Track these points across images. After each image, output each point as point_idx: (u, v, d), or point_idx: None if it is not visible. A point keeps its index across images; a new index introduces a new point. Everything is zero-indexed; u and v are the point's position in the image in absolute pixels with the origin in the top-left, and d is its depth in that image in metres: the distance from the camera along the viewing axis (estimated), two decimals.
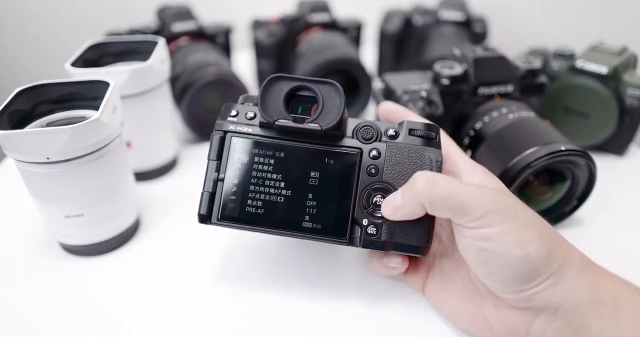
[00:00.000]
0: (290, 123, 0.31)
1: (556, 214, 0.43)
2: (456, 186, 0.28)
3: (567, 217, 0.43)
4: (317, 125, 0.31)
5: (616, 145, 0.54)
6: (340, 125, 0.32)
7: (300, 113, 0.32)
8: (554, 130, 0.41)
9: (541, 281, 0.27)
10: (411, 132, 0.33)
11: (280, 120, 0.31)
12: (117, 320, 0.34)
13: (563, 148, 0.37)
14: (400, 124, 0.33)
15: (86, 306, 0.36)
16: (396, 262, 0.33)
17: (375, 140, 0.33)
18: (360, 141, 0.33)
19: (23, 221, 0.44)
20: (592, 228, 0.44)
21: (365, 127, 0.33)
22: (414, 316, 0.35)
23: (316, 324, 0.34)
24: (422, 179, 0.29)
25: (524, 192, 0.42)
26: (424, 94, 0.45)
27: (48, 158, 0.34)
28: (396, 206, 0.30)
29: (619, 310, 0.26)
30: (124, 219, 0.41)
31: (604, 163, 0.53)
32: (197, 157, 0.56)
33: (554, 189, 0.42)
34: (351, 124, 0.33)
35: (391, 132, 0.33)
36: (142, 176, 0.50)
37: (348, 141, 0.33)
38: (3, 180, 0.52)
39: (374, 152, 0.32)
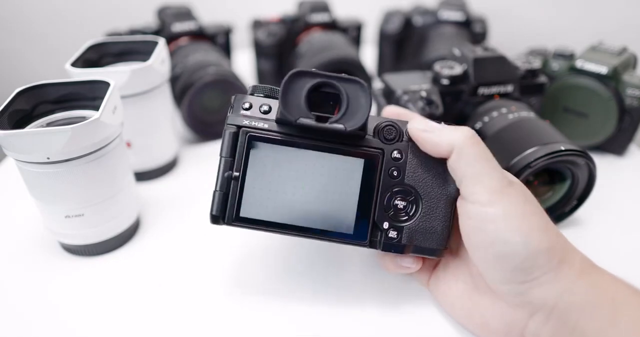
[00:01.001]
0: (313, 123, 0.30)
1: (556, 214, 0.43)
2: (491, 157, 0.30)
3: (567, 217, 0.43)
4: (342, 126, 0.30)
5: (616, 145, 0.54)
6: (365, 126, 0.30)
7: (319, 107, 0.30)
8: (554, 130, 0.41)
9: (540, 275, 0.28)
10: None
11: (301, 119, 0.30)
12: (117, 320, 0.34)
13: (563, 148, 0.37)
14: None
15: (86, 306, 0.36)
16: (410, 262, 0.33)
17: (397, 141, 0.32)
18: (382, 141, 0.31)
19: (23, 221, 0.44)
20: (592, 228, 0.44)
21: (387, 127, 0.32)
22: (419, 314, 0.35)
23: (320, 320, 0.34)
24: (465, 130, 0.30)
25: None
26: (423, 94, 0.45)
27: (48, 158, 0.34)
28: (428, 128, 0.30)
29: (616, 313, 0.26)
30: (124, 219, 0.41)
31: (603, 163, 0.53)
32: (197, 157, 0.56)
33: (554, 188, 0.42)
34: (371, 121, 0.31)
35: None
36: (142, 176, 0.50)
37: (370, 141, 0.31)
38: (3, 180, 0.52)
39: (395, 154, 0.31)
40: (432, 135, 0.30)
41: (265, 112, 0.31)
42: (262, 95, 0.32)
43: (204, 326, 0.34)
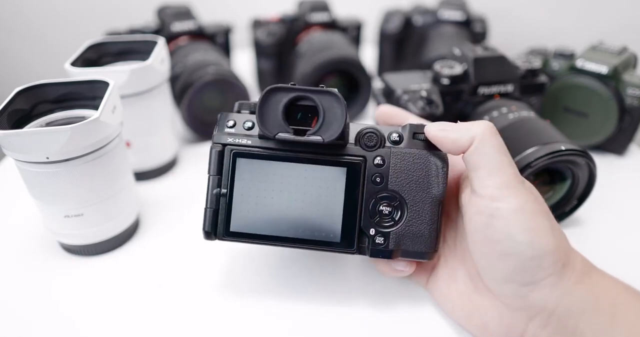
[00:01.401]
0: (291, 137, 0.30)
1: (556, 214, 0.43)
2: (507, 152, 0.30)
3: (567, 217, 0.43)
4: (320, 137, 0.30)
5: (616, 145, 0.54)
6: (343, 135, 0.31)
7: (299, 120, 0.31)
8: (554, 130, 0.41)
9: (543, 277, 0.27)
10: (415, 136, 0.32)
11: (280, 133, 0.30)
12: (116, 320, 0.34)
13: (563, 148, 0.37)
14: (404, 127, 0.33)
15: (86, 306, 0.35)
16: (403, 266, 0.33)
17: (378, 147, 0.32)
18: (364, 149, 0.32)
19: (23, 221, 0.44)
20: (592, 228, 0.44)
21: (368, 134, 0.32)
22: (418, 316, 0.35)
23: (320, 320, 0.34)
24: (486, 122, 0.30)
25: None
26: (424, 93, 0.45)
27: (48, 158, 0.34)
28: (446, 127, 0.30)
29: (615, 317, 0.26)
30: (123, 219, 0.41)
31: (604, 163, 0.53)
32: (197, 157, 0.56)
33: (554, 188, 0.42)
34: (353, 129, 0.32)
35: (394, 137, 0.32)
36: (142, 176, 0.50)
37: (351, 149, 0.32)
38: (3, 180, 0.52)
39: (378, 160, 0.32)
40: (451, 132, 0.30)
41: (249, 129, 0.32)
42: (247, 111, 0.33)
43: (203, 326, 0.34)
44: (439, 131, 0.31)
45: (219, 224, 0.32)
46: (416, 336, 0.33)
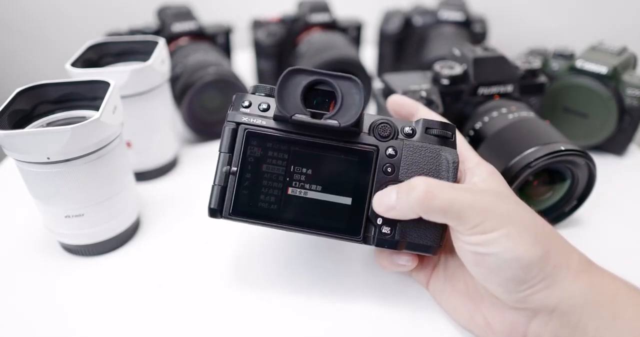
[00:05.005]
0: (307, 119, 0.30)
1: (556, 214, 0.43)
2: (453, 196, 0.28)
3: (567, 217, 0.43)
4: (336, 122, 0.30)
5: (616, 145, 0.54)
6: (359, 122, 0.31)
7: (316, 105, 0.31)
8: (554, 130, 0.41)
9: (534, 283, 0.28)
10: (428, 131, 0.32)
11: (297, 115, 0.30)
12: (117, 320, 0.34)
13: (563, 148, 0.37)
14: (417, 121, 0.33)
15: (86, 306, 0.36)
16: (405, 260, 0.33)
17: (392, 138, 0.32)
18: (377, 139, 0.32)
19: (23, 221, 0.44)
20: (592, 228, 0.44)
21: (382, 125, 0.32)
22: (420, 314, 0.35)
23: (321, 321, 0.34)
24: (420, 188, 0.28)
25: (524, 192, 0.42)
26: (423, 94, 0.45)
27: (48, 158, 0.34)
28: (389, 206, 0.30)
29: (616, 311, 0.26)
30: (124, 219, 0.41)
31: (603, 163, 0.53)
32: (197, 157, 0.56)
33: (553, 188, 0.42)
34: (367, 120, 0.32)
35: (408, 130, 0.32)
36: (142, 176, 0.50)
37: (365, 138, 0.32)
38: (3, 180, 0.52)
39: (390, 151, 0.32)
40: (396, 212, 0.30)
41: (264, 110, 0.32)
42: (263, 94, 0.33)
43: (203, 326, 0.34)
44: (384, 212, 0.30)
45: (225, 202, 0.31)
46: (418, 333, 0.33)
